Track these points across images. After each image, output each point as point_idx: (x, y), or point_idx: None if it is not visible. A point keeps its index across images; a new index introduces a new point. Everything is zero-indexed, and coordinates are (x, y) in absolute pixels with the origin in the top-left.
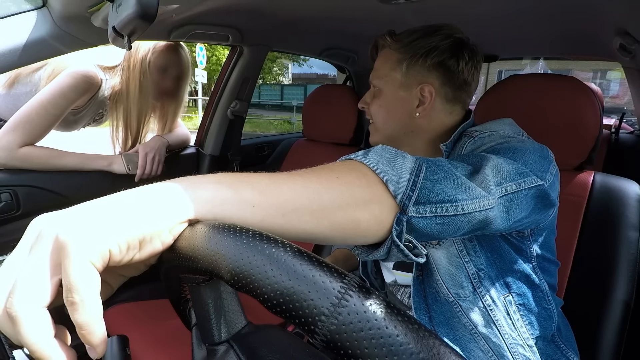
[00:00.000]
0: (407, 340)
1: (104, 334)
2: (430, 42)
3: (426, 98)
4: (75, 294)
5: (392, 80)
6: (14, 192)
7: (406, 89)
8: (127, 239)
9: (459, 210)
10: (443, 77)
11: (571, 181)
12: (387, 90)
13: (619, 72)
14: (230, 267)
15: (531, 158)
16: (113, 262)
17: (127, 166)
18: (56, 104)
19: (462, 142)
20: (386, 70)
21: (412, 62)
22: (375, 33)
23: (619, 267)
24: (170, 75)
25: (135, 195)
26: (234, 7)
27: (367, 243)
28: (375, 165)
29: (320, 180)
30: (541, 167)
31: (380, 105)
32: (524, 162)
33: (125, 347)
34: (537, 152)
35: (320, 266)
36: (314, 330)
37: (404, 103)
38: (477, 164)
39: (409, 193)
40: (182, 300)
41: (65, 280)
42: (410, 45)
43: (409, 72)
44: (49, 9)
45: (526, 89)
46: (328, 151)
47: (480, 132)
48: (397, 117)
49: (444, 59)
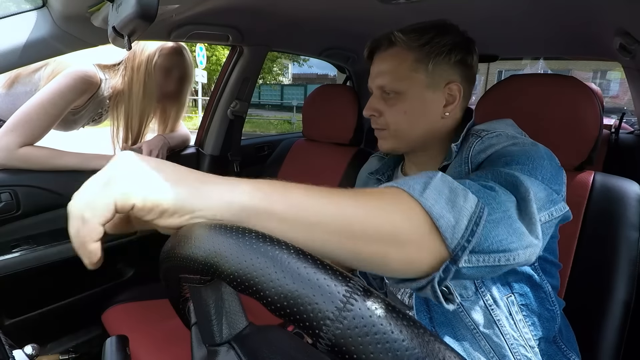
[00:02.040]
0: (412, 345)
1: (95, 253)
2: (449, 39)
3: (453, 96)
4: (89, 211)
5: (416, 82)
6: (14, 192)
7: (434, 89)
8: (152, 204)
9: (510, 260)
10: (463, 74)
11: (571, 181)
12: (412, 93)
13: (619, 72)
14: (233, 269)
15: (548, 169)
16: (134, 213)
17: None
18: (55, 104)
19: (469, 141)
20: (406, 72)
21: (439, 61)
22: (375, 33)
23: (619, 267)
24: (173, 77)
25: (190, 176)
26: (234, 7)
27: (393, 277)
28: (431, 208)
29: (358, 205)
30: (557, 178)
31: (404, 110)
32: (544, 176)
33: (125, 347)
34: (551, 160)
35: (325, 269)
36: (319, 334)
37: (432, 104)
38: (515, 189)
39: (464, 243)
40: (182, 299)
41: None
42: (432, 43)
43: (435, 71)
44: (49, 9)
45: (526, 88)
46: (328, 151)
47: (488, 131)
48: (426, 119)
49: (464, 56)
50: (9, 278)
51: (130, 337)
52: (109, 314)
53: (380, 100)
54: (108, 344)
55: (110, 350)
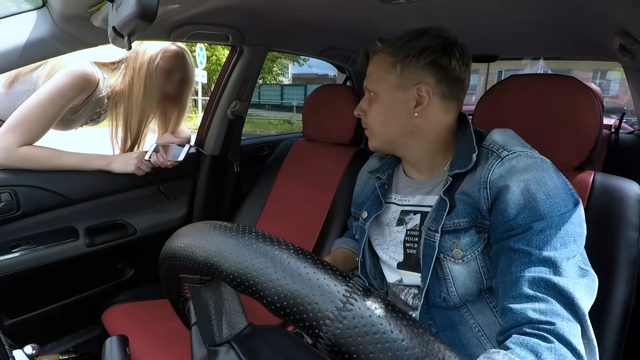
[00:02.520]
0: (412, 344)
1: None
2: (422, 42)
3: (423, 97)
4: None
5: (388, 83)
6: (14, 192)
7: (403, 90)
8: None
9: None
10: (437, 75)
11: (571, 181)
12: (384, 93)
13: (619, 72)
14: (233, 269)
15: (577, 223)
16: None
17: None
18: (54, 103)
19: (488, 161)
20: (380, 74)
21: (407, 63)
22: (375, 33)
23: (619, 267)
24: (173, 80)
25: None
26: (234, 7)
27: None
28: None
29: None
30: (568, 205)
31: (378, 109)
32: (575, 231)
33: (125, 347)
34: (565, 186)
35: (325, 269)
36: (319, 334)
37: (402, 104)
38: (573, 309)
39: None
40: (182, 299)
41: None
42: (403, 47)
43: (404, 73)
44: (49, 9)
45: (526, 89)
46: (328, 151)
47: (508, 151)
48: (397, 119)
49: (437, 57)
50: (9, 278)
51: (130, 337)
52: (109, 314)
53: (367, 101)
54: (108, 344)
55: (110, 350)
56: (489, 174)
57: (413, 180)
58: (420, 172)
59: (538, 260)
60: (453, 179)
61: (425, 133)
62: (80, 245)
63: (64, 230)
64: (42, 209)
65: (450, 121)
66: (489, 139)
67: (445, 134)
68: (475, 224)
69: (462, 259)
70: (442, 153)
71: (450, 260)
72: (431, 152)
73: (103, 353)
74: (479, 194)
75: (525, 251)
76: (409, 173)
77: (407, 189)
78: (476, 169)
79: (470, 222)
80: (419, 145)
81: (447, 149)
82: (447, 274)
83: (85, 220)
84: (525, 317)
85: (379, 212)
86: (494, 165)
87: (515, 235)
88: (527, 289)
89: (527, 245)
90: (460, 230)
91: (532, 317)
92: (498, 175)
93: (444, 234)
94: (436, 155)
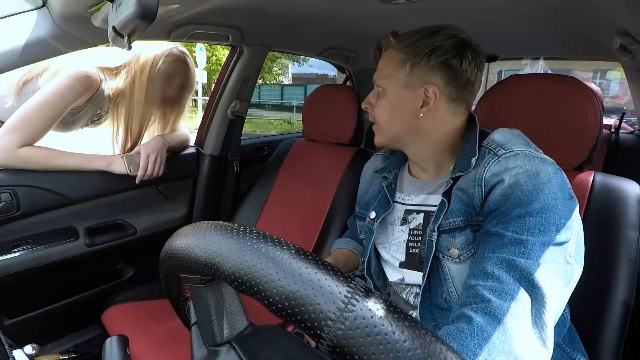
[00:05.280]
0: (414, 345)
1: None
2: (434, 42)
3: (430, 98)
4: None
5: (396, 80)
6: (14, 192)
7: (410, 89)
8: None
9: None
10: (447, 77)
11: (571, 181)
12: (391, 90)
13: (619, 72)
14: (234, 270)
15: (561, 210)
16: None
17: (128, 167)
18: (54, 105)
19: (485, 159)
20: (390, 71)
21: (416, 62)
22: (375, 33)
23: (619, 267)
24: (174, 84)
25: None
26: (234, 7)
27: None
28: None
29: None
30: (569, 214)
31: (384, 105)
32: (558, 225)
33: (125, 347)
34: (563, 191)
35: (326, 270)
36: (320, 335)
37: (408, 103)
38: (532, 287)
39: None
40: (182, 299)
41: None
42: (414, 45)
43: (412, 71)
44: (49, 9)
45: (526, 89)
46: (328, 151)
47: (506, 149)
48: (401, 117)
49: (448, 58)
50: (9, 278)
51: (130, 337)
52: (109, 314)
53: (375, 95)
54: (108, 344)
55: (110, 350)
56: (484, 171)
57: (417, 179)
58: (425, 171)
59: (510, 242)
60: (454, 181)
61: (431, 133)
62: (80, 245)
63: (64, 230)
64: (42, 209)
65: (458, 123)
66: (489, 138)
67: (452, 135)
68: (471, 223)
69: (458, 257)
70: (448, 154)
71: (448, 259)
72: (437, 152)
73: (103, 353)
74: (473, 190)
75: (499, 234)
76: (414, 172)
77: (411, 188)
78: (476, 168)
79: (466, 221)
80: (425, 145)
81: (454, 150)
82: (447, 274)
83: (85, 220)
84: (474, 292)
85: (387, 212)
86: (490, 163)
87: (495, 219)
88: (489, 266)
89: (504, 229)
90: (455, 229)
91: (483, 295)
92: (492, 173)
93: (441, 233)
94: (442, 156)
